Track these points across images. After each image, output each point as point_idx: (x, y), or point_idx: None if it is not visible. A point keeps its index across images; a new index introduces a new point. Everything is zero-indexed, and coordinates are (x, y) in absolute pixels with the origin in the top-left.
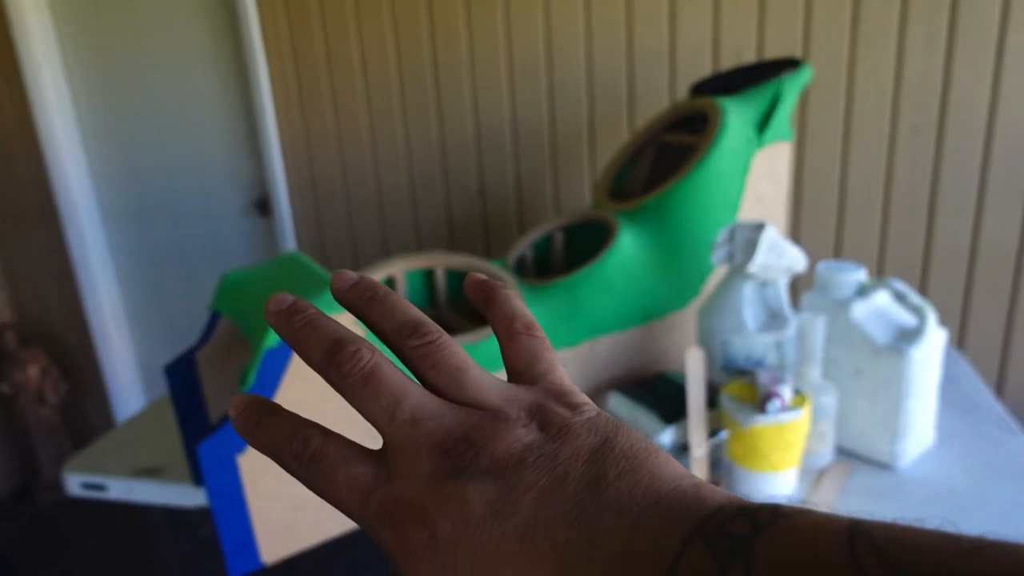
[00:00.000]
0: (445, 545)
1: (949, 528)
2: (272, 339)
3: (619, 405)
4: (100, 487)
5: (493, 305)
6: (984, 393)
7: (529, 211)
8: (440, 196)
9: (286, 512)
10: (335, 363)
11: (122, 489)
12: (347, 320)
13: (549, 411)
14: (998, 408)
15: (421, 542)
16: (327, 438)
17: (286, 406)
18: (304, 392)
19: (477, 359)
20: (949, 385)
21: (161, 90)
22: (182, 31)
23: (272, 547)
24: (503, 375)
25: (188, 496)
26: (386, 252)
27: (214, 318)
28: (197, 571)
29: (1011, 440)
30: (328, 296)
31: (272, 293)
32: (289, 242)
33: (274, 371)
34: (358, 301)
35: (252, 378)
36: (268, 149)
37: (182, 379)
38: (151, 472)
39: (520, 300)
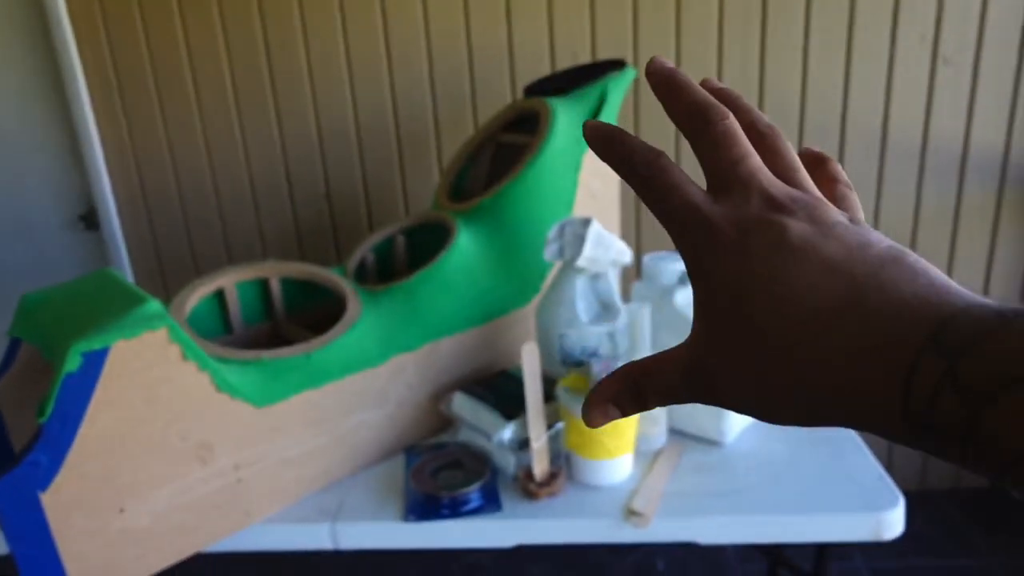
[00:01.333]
0: (750, 253)
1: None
2: (72, 363)
3: (461, 405)
4: None
5: (827, 165)
6: None
7: (379, 213)
8: (285, 201)
9: (104, 548)
10: (704, 112)
11: None
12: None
13: (859, 220)
14: None
15: (730, 246)
16: (671, 161)
17: (94, 435)
18: (114, 420)
19: (310, 370)
20: None
21: None
22: None
23: None
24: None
25: None
26: (231, 261)
27: (14, 345)
28: None
29: None
30: (140, 312)
31: (77, 313)
32: (121, 257)
33: (78, 398)
34: (728, 100)
35: (50, 407)
36: (91, 157)
37: None
38: None
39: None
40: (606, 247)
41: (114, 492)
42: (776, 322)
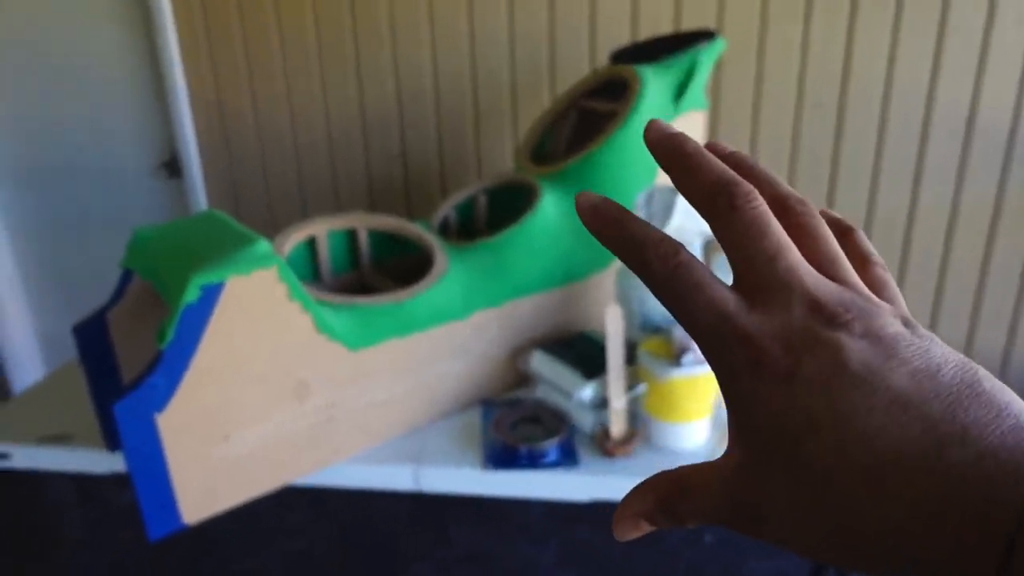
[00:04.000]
0: (803, 381)
1: None
2: (192, 294)
3: (541, 362)
4: (2, 455)
5: (852, 237)
6: None
7: (451, 174)
8: (360, 157)
9: (208, 472)
10: (729, 193)
11: (27, 457)
12: None
13: (912, 322)
14: None
15: (778, 370)
16: (691, 254)
17: (207, 364)
18: (224, 352)
19: (400, 318)
20: None
21: (51, 39)
22: None
23: (194, 507)
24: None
25: (100, 462)
26: (304, 214)
27: (126, 277)
28: (110, 541)
29: None
30: (253, 251)
31: (190, 249)
32: (201, 204)
33: (194, 327)
34: (745, 170)
35: (170, 334)
36: (177, 107)
37: (92, 340)
38: (59, 439)
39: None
40: (695, 217)
41: (220, 420)
42: (839, 469)
